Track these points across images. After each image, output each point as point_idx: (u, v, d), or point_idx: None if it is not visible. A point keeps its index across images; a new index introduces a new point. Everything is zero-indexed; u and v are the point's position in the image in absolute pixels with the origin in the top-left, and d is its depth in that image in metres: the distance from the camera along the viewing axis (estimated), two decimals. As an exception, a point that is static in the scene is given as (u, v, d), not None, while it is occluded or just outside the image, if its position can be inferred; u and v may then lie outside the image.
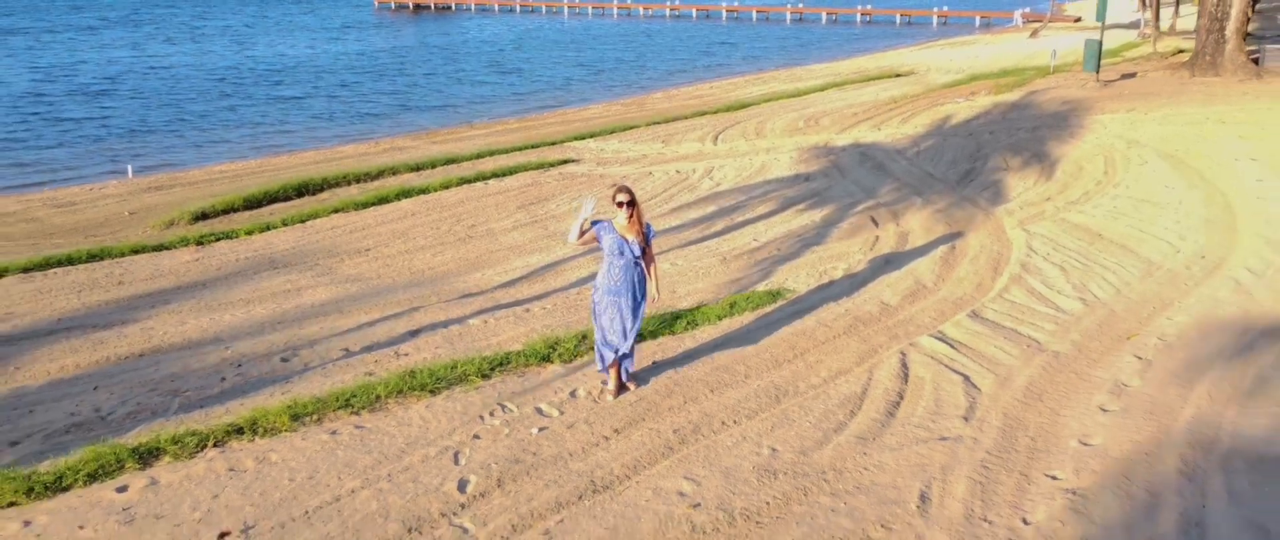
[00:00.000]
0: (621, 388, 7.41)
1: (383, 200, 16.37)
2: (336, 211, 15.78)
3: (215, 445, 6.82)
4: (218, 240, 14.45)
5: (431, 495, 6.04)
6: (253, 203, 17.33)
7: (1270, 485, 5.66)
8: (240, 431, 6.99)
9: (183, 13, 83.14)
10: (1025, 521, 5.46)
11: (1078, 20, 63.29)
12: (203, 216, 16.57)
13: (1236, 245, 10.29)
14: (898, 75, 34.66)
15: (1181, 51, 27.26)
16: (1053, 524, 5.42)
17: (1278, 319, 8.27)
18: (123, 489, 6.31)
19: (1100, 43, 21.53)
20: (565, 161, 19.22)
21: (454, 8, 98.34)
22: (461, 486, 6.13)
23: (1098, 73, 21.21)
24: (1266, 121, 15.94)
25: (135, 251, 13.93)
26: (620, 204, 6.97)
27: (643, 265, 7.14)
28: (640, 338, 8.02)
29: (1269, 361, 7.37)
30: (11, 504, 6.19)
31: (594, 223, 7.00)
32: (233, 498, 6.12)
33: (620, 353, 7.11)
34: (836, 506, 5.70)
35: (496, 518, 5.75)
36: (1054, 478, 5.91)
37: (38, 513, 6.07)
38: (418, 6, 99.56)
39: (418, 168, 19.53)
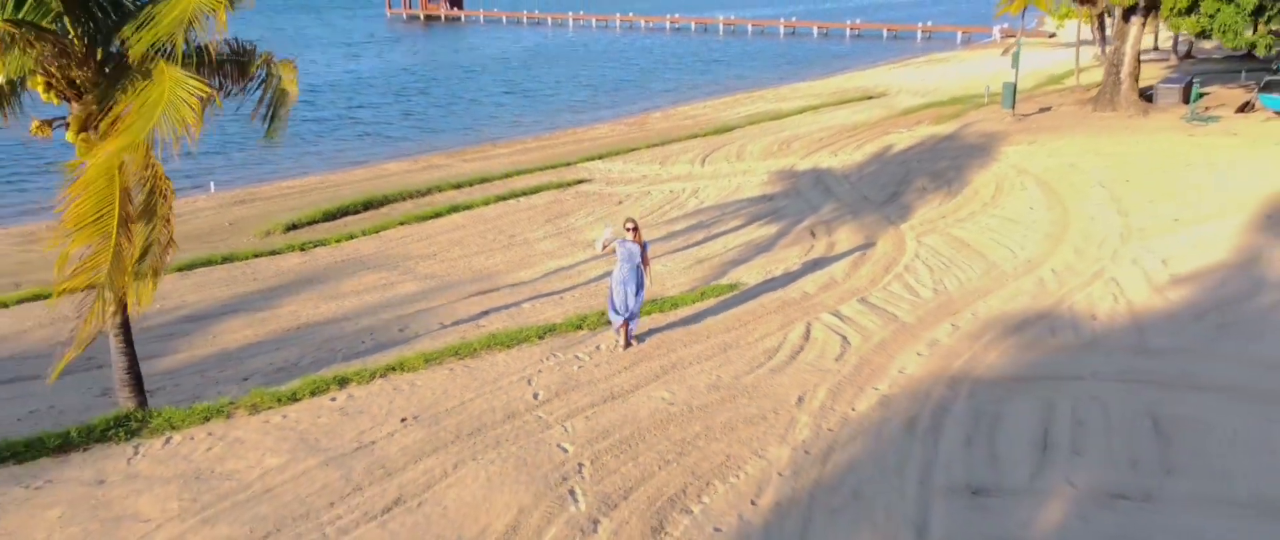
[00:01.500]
0: (628, 343, 11.79)
1: (437, 214, 20.71)
2: (403, 223, 20.14)
3: (381, 377, 11.19)
4: (316, 247, 18.82)
5: (517, 401, 10.41)
6: (331, 216, 21.68)
7: (992, 391, 10.04)
8: (393, 369, 11.36)
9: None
10: (853, 409, 9.85)
11: (1052, 36, 67.37)
12: (293, 227, 20.91)
13: (1054, 253, 14.68)
14: (869, 97, 38.95)
15: (1108, 82, 31.56)
16: (867, 409, 9.81)
17: (1051, 305, 12.65)
18: (334, 399, 10.68)
19: (1015, 86, 25.89)
20: (580, 181, 23.58)
21: (463, 19, 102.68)
22: (535, 396, 10.50)
23: (1013, 109, 25.59)
24: (1130, 154, 20.32)
25: (256, 255, 18.32)
26: (629, 229, 11.37)
27: (642, 267, 11.51)
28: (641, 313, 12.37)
29: (1032, 332, 11.75)
30: (270, 408, 10.56)
31: (619, 241, 11.40)
32: (401, 402, 10.50)
33: (630, 318, 11.50)
34: (750, 403, 10.08)
35: (557, 411, 10.12)
36: (877, 389, 10.30)
37: (288, 411, 10.44)
38: (428, 17, 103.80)
39: (459, 186, 23.88)
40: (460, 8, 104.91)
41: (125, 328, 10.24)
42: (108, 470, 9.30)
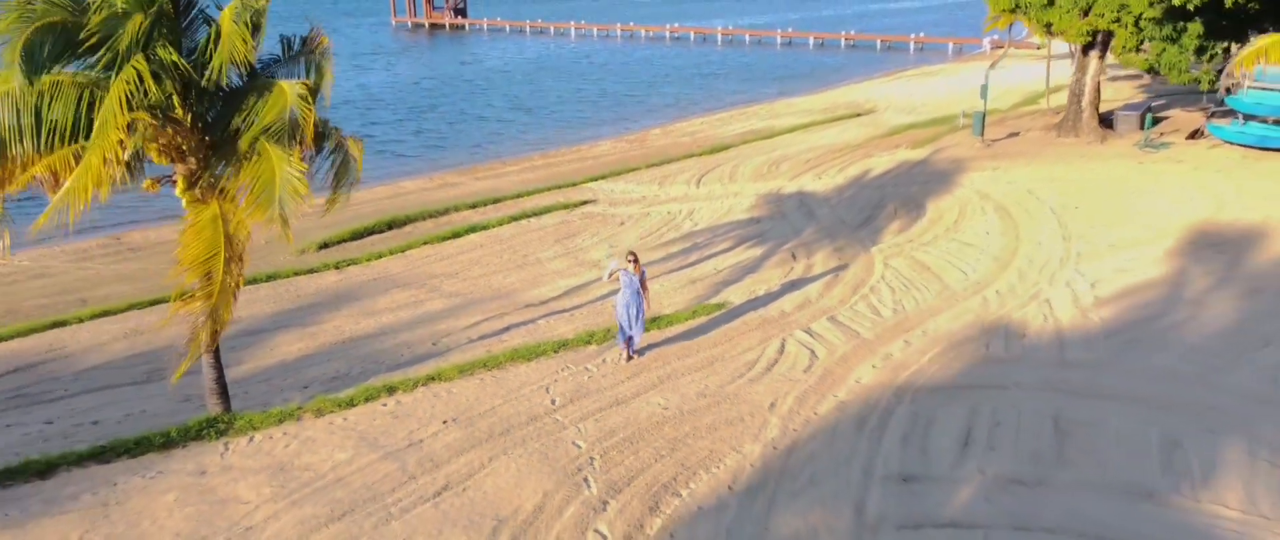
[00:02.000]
0: (630, 357, 13.93)
1: (457, 234, 22.80)
2: (426, 243, 22.23)
3: (423, 385, 13.32)
4: (349, 266, 20.93)
5: (538, 406, 12.54)
6: (358, 234, 23.78)
7: (931, 397, 12.18)
8: (433, 379, 13.49)
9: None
10: (815, 413, 11.99)
11: (1039, 47, 69.33)
12: (325, 245, 23.00)
13: (1001, 275, 16.82)
14: (858, 114, 41.01)
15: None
16: (826, 412, 11.94)
17: (990, 323, 14.78)
18: (385, 404, 12.81)
19: (984, 114, 28.04)
20: (585, 202, 25.70)
21: (467, 28, 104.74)
22: (552, 402, 12.64)
23: (982, 136, 27.74)
24: (1083, 180, 22.45)
25: (295, 274, 20.43)
26: (630, 261, 13.53)
27: (641, 292, 13.64)
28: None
29: (971, 347, 13.88)
30: (332, 412, 12.69)
31: (622, 270, 13.55)
32: (441, 407, 12.63)
33: (632, 337, 13.65)
34: (731, 408, 12.22)
35: (572, 414, 12.25)
36: (836, 396, 12.44)
37: (348, 415, 12.57)
38: (433, 26, 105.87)
39: (474, 206, 25.99)
40: (464, 17, 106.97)
41: (215, 344, 12.37)
42: (206, 463, 11.45)
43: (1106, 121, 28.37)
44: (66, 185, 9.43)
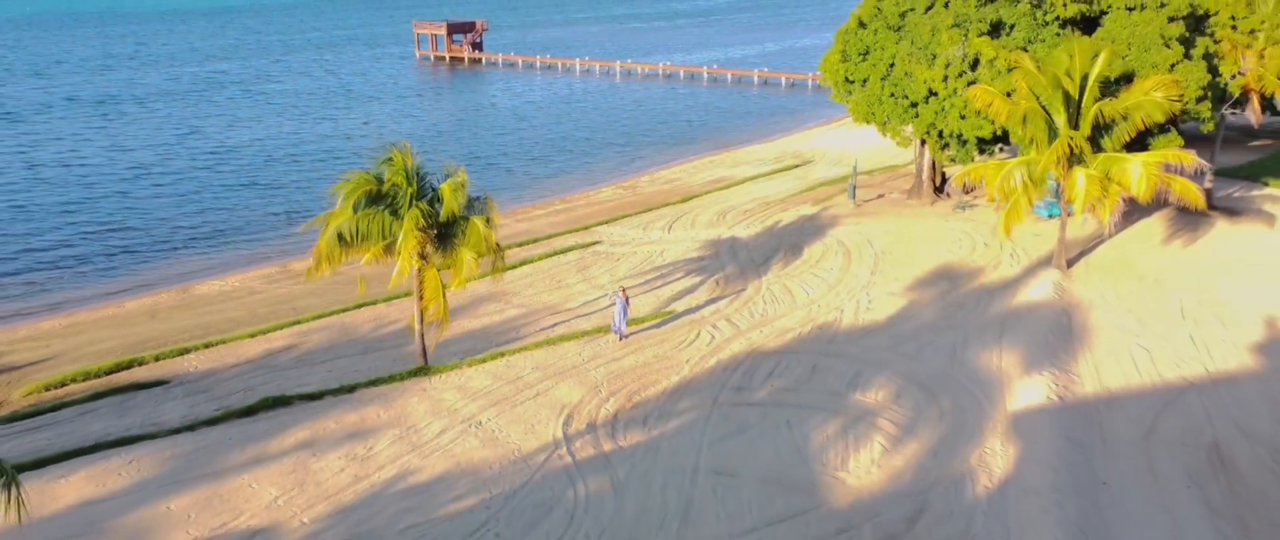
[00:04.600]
0: (621, 340, 27.56)
1: (514, 267, 36.34)
2: (496, 273, 35.75)
3: (518, 353, 27.01)
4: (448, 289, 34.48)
5: (576, 361, 26.18)
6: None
7: (763, 357, 25.82)
8: (524, 350, 27.19)
9: (250, 68, 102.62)
10: (706, 364, 25.65)
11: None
12: (430, 274, 36.62)
13: (827, 295, 30.41)
14: (797, 166, 54.67)
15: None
16: (712, 365, 25.59)
17: (808, 321, 28.37)
18: (501, 362, 26.45)
19: (855, 185, 41.70)
20: (595, 243, 39.29)
21: (483, 62, 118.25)
22: (583, 359, 26.30)
23: (855, 199, 41.40)
24: (904, 232, 36.05)
25: (407, 295, 34.04)
26: (622, 290, 27.27)
27: (627, 307, 27.27)
28: (627, 327, 28.00)
29: (793, 333, 27.50)
30: (477, 365, 26.32)
31: (616, 295, 27.25)
32: (529, 362, 26.30)
33: (621, 329, 27.35)
34: (669, 362, 25.88)
35: (593, 364, 25.90)
36: (718, 358, 26.10)
37: (485, 366, 26.21)
38: (453, 60, 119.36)
39: (521, 244, 39.57)
40: (480, 51, 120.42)
41: (422, 334, 26.02)
42: (425, 386, 25.10)
43: (942, 187, 41.97)
44: (397, 268, 23.17)
